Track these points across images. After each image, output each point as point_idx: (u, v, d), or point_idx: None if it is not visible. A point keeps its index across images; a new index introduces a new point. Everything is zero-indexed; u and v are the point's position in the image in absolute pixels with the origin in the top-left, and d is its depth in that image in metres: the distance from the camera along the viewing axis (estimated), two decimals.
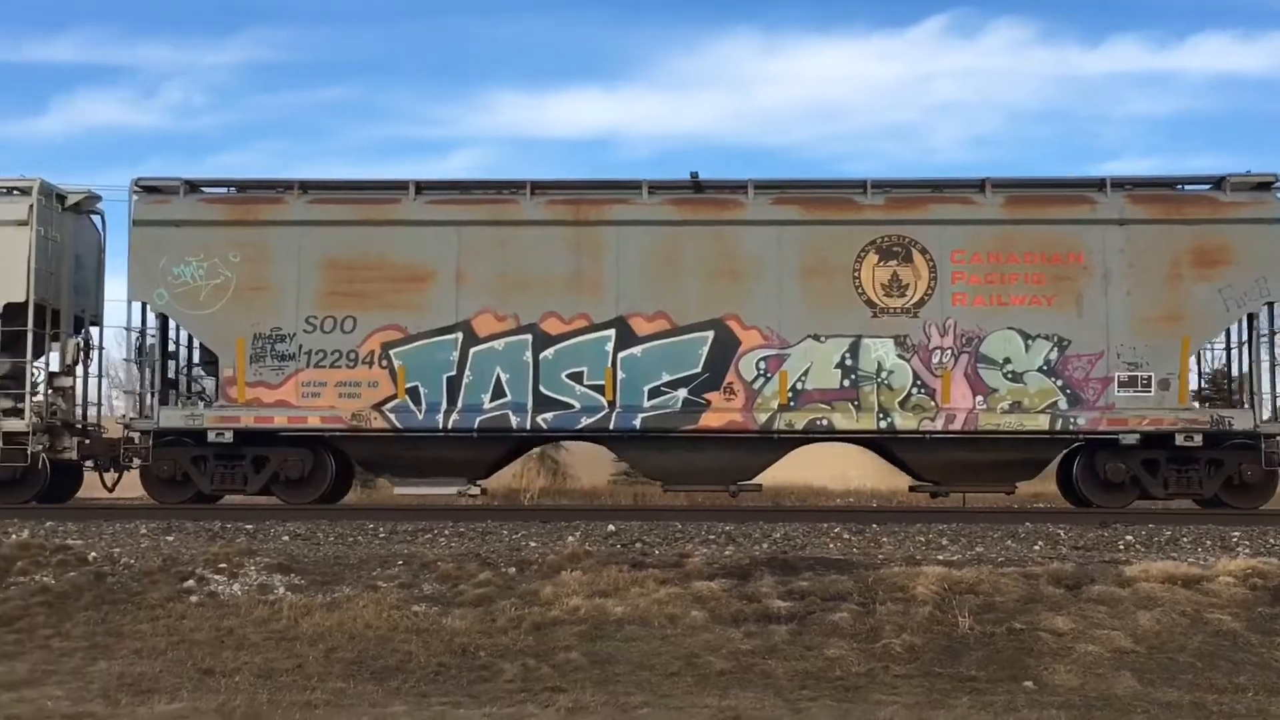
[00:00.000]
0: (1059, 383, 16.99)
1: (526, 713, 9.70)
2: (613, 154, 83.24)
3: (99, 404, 19.22)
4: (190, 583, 12.59)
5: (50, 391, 18.67)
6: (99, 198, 19.53)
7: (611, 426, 17.27)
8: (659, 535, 14.47)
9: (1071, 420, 16.92)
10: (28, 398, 18.04)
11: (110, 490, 19.32)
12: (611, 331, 17.28)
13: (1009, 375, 17.00)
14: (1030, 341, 16.98)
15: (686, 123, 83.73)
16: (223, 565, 13.00)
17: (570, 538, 14.33)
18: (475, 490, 18.33)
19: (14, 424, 17.97)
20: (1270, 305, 17.06)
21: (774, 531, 14.60)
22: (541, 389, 17.28)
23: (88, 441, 18.88)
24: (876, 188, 17.60)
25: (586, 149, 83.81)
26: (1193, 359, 17.48)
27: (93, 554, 13.43)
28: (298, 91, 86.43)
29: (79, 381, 19.25)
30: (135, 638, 11.52)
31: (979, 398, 17.00)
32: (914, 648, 10.63)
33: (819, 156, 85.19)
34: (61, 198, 19.11)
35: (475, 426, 17.32)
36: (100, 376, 19.48)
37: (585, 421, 17.25)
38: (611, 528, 14.92)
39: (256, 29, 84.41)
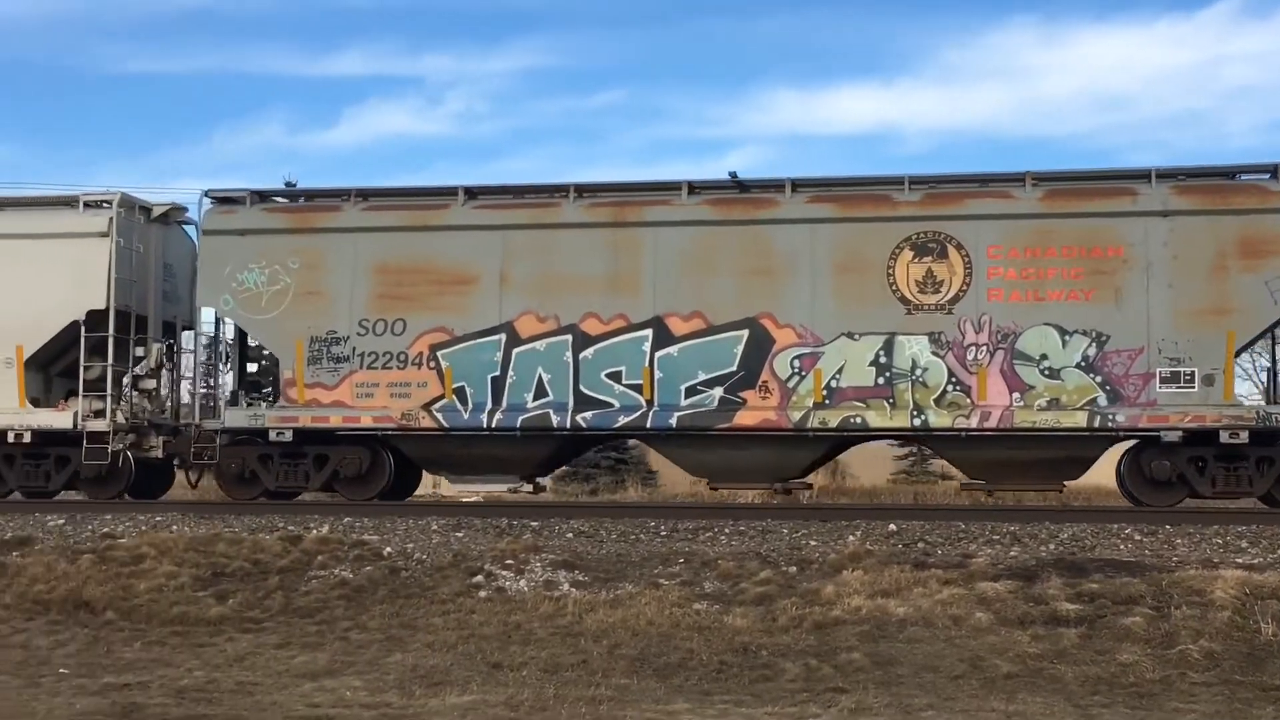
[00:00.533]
0: (1097, 379, 16.81)
1: (809, 713, 9.66)
2: (888, 149, 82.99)
3: (194, 404, 20.23)
4: (479, 578, 13.16)
5: (136, 393, 19.81)
6: (185, 209, 20.66)
7: (649, 425, 17.72)
8: (941, 535, 14.44)
9: (1110, 417, 16.72)
10: (108, 399, 19.21)
11: (194, 487, 20.49)
12: (649, 331, 17.70)
13: (1046, 372, 16.88)
14: (1067, 337, 16.83)
15: (965, 116, 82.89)
16: (510, 561, 13.53)
17: (851, 537, 14.43)
18: (528, 488, 18.91)
19: (97, 424, 19.18)
20: None
21: (1060, 532, 14.40)
22: (582, 388, 17.81)
23: (173, 440, 19.98)
24: (916, 184, 17.59)
25: (862, 145, 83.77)
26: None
27: (387, 549, 14.21)
28: (574, 96, 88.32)
29: (165, 383, 20.36)
30: (428, 631, 12.00)
31: (1015, 395, 16.94)
32: (1213, 654, 10.41)
33: (1102, 147, 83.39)
34: (147, 210, 20.30)
35: (518, 425, 17.92)
36: (194, 379, 20.56)
37: (623, 420, 17.72)
38: (893, 527, 14.98)
39: (533, 36, 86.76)
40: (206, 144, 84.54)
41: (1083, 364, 16.95)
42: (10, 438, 19.54)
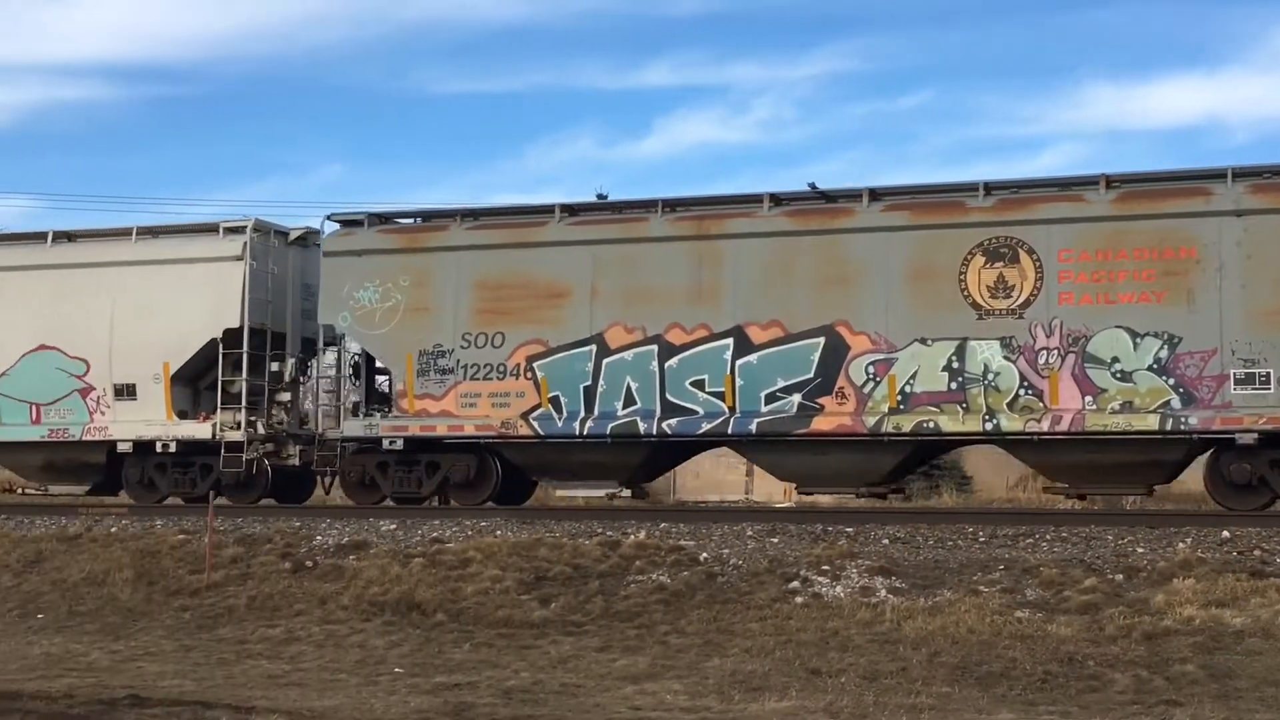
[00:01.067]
0: (1170, 381, 16.88)
1: None
2: (1211, 142, 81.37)
3: (318, 415, 21.73)
4: (795, 584, 13.56)
5: (274, 406, 21.44)
6: (319, 232, 22.21)
7: (730, 431, 18.46)
8: (1279, 543, 14.19)
9: (1183, 420, 16.78)
10: (243, 411, 20.87)
11: (327, 493, 22.01)
12: (730, 340, 18.39)
13: (1118, 375, 17.03)
14: (1139, 340, 16.93)
15: None
16: (825, 567, 13.89)
17: (1181, 544, 14.23)
18: (626, 493, 19.78)
19: (233, 434, 20.85)
20: None
21: None
22: (668, 396, 18.59)
23: (309, 449, 21.53)
24: (991, 189, 17.86)
25: (1182, 138, 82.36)
26: None
27: (704, 555, 14.85)
28: (879, 99, 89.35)
29: (302, 396, 21.95)
30: (745, 636, 12.34)
31: (1088, 398, 17.11)
32: None
33: None
34: (283, 234, 21.91)
35: (608, 433, 18.81)
36: (315, 393, 22.08)
37: (706, 427, 18.51)
38: (1225, 534, 14.81)
39: (838, 41, 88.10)
40: (520, 159, 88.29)
41: (1155, 366, 16.99)
42: (158, 447, 21.37)
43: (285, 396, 21.93)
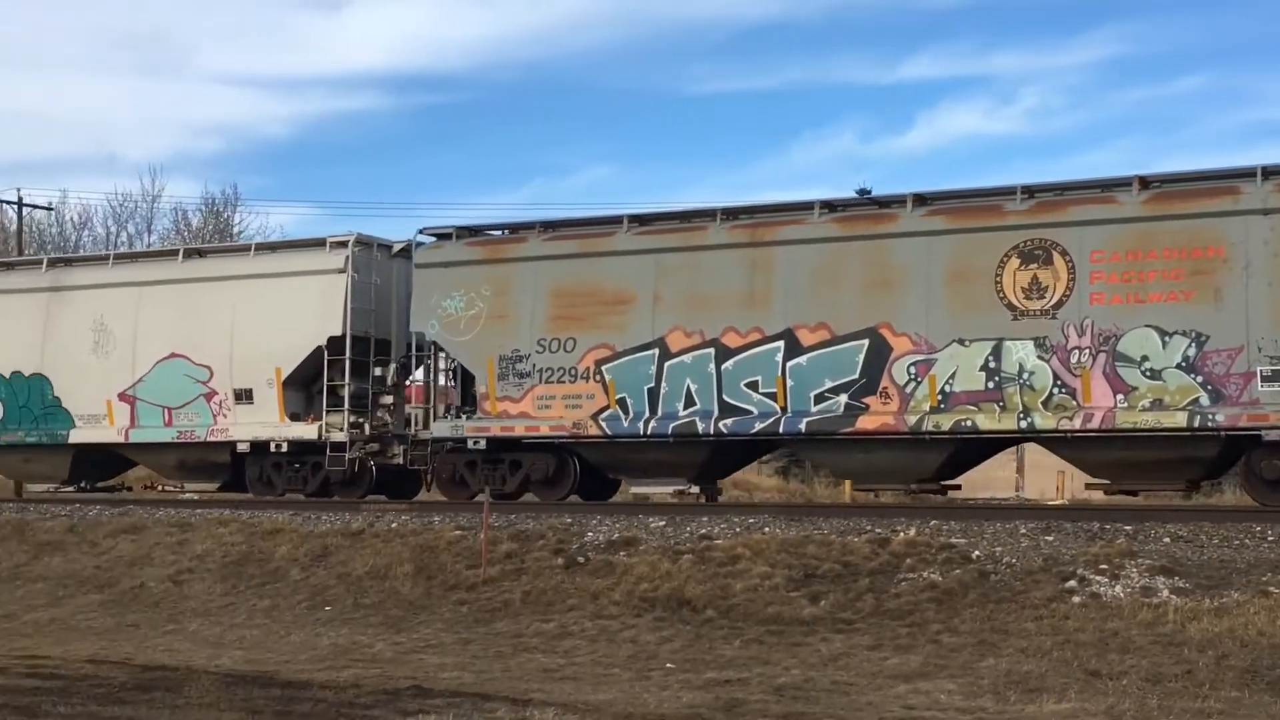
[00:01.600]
0: (1198, 379, 17.69)
1: None
2: None
3: (413, 417, 23.84)
4: (1071, 583, 13.69)
5: (378, 408, 23.65)
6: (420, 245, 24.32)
7: (781, 430, 19.84)
8: None
9: (1210, 417, 17.58)
10: (345, 413, 23.12)
11: (428, 490, 24.10)
12: (781, 343, 19.80)
13: (1148, 373, 17.87)
14: (1168, 338, 17.76)
15: None
16: (1103, 566, 13.99)
17: None
18: (694, 489, 21.35)
19: (338, 435, 23.12)
20: None
21: None
22: (724, 397, 20.11)
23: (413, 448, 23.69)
24: (1028, 192, 18.88)
25: None
26: None
27: (976, 552, 15.08)
28: (1151, 84, 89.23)
29: (404, 399, 24.13)
30: (1020, 636, 12.46)
31: (1119, 396, 18.01)
32: None
33: None
34: (387, 247, 24.12)
35: (669, 432, 20.40)
36: (408, 395, 24.21)
37: (759, 426, 20.00)
38: None
39: (1107, 25, 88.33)
40: (784, 156, 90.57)
41: (1183, 364, 17.79)
42: (272, 447, 23.77)
43: (389, 399, 24.10)
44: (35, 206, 57.28)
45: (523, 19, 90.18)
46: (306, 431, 23.76)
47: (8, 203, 57.30)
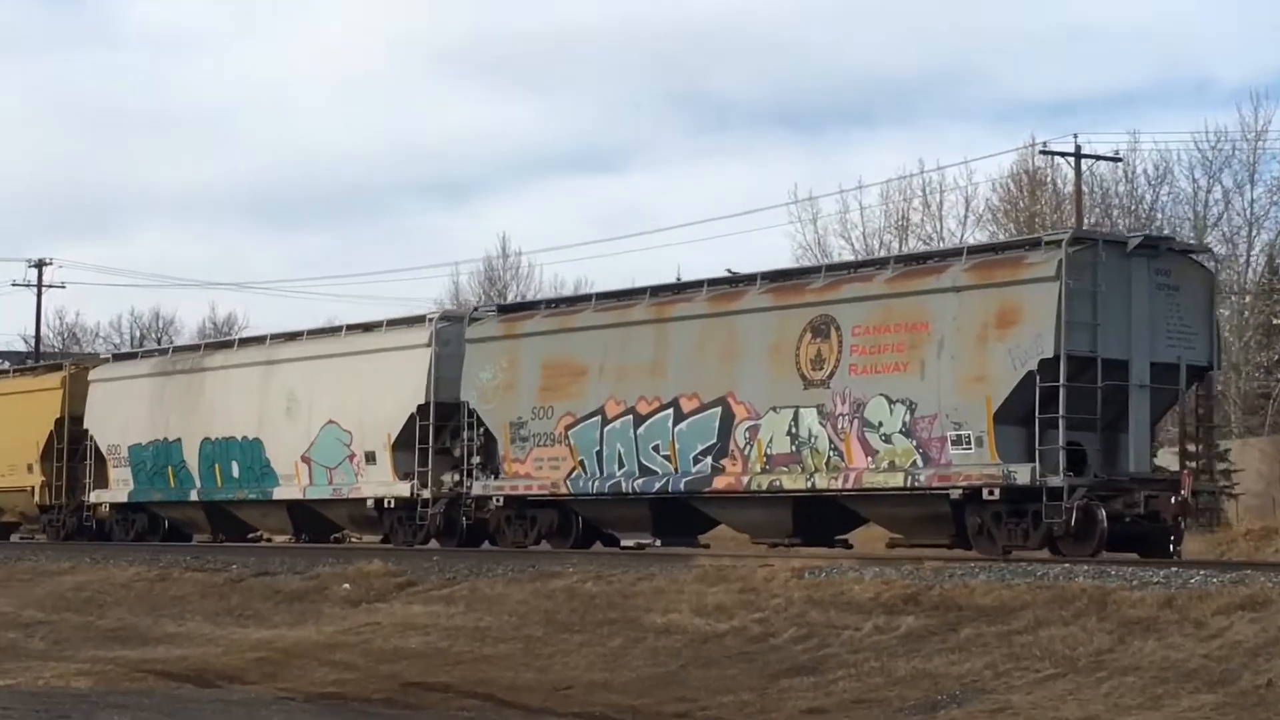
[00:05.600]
0: (914, 443, 26.02)
1: None
2: None
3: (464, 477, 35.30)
4: None
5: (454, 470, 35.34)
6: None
7: (669, 489, 29.72)
8: None
9: (917, 477, 25.90)
10: (429, 473, 35.06)
11: (492, 542, 35.51)
12: (670, 410, 29.68)
13: (884, 438, 26.40)
14: (893, 406, 26.21)
15: None
16: None
17: None
18: (657, 542, 31.53)
19: (423, 492, 35.13)
20: None
21: None
22: (640, 459, 30.23)
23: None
24: (827, 270, 27.89)
25: None
26: None
27: None
28: None
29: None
30: None
31: (869, 459, 26.62)
32: None
33: None
34: (470, 319, 35.90)
35: (606, 490, 30.80)
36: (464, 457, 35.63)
37: (657, 485, 29.85)
38: None
39: None
40: None
41: (904, 430, 26.04)
42: (387, 503, 36.08)
43: (474, 460, 35.63)
44: (1098, 158, 60.07)
45: None
46: (401, 490, 35.79)
47: (1062, 154, 59.47)
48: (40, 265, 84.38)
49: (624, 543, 32.69)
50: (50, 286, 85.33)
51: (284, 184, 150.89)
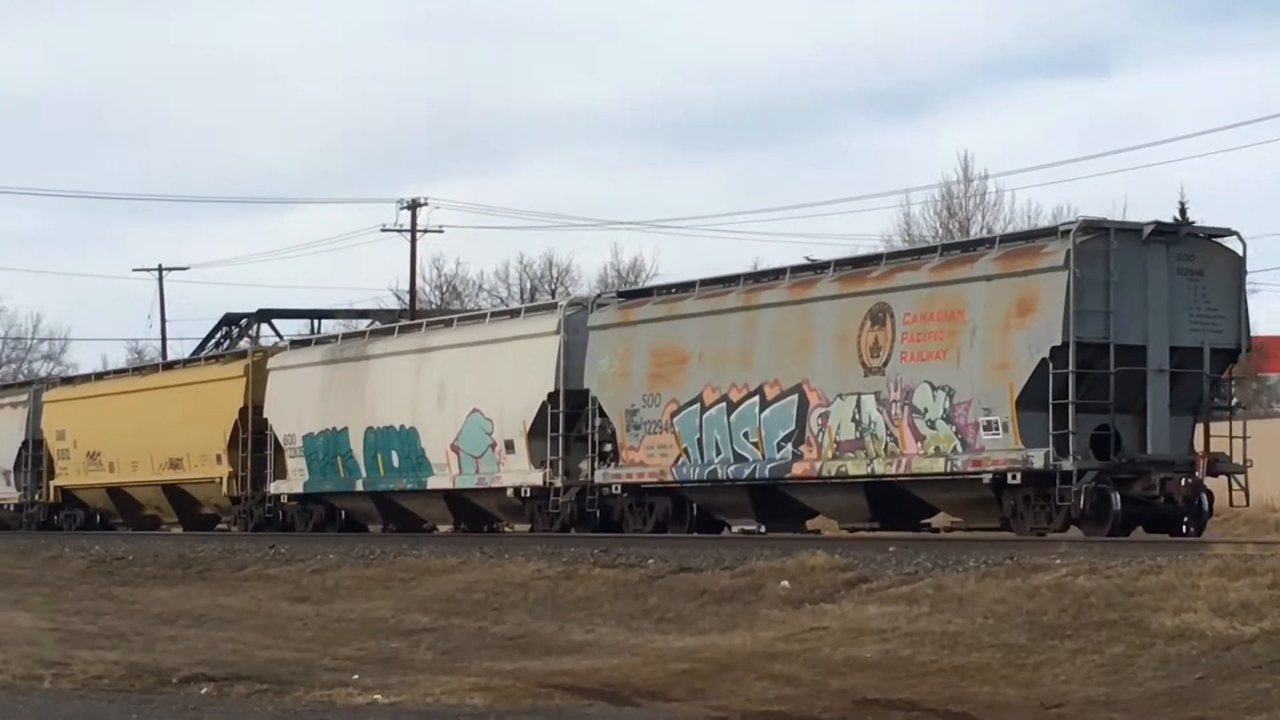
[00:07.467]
0: (954, 429, 30.55)
1: None
2: None
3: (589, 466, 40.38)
4: None
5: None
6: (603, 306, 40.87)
7: (756, 475, 34.54)
8: None
9: (955, 462, 30.40)
10: (560, 461, 40.31)
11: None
12: (756, 398, 34.52)
13: (929, 424, 30.93)
14: (936, 392, 30.73)
15: None
16: None
17: None
18: (758, 528, 36.37)
19: (555, 480, 40.40)
20: None
21: None
22: (734, 447, 35.09)
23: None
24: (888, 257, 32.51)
25: None
26: None
27: None
28: None
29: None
30: None
31: (918, 444, 31.21)
32: None
33: None
34: (595, 305, 41.11)
35: (705, 477, 35.72)
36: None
37: (747, 472, 34.71)
38: None
39: None
40: None
41: (945, 416, 30.44)
42: (524, 492, 41.36)
43: (606, 448, 40.59)
44: None
45: None
46: (536, 478, 40.94)
47: None
48: (414, 206, 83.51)
49: (734, 529, 37.41)
50: (426, 231, 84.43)
51: (695, 104, 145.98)
